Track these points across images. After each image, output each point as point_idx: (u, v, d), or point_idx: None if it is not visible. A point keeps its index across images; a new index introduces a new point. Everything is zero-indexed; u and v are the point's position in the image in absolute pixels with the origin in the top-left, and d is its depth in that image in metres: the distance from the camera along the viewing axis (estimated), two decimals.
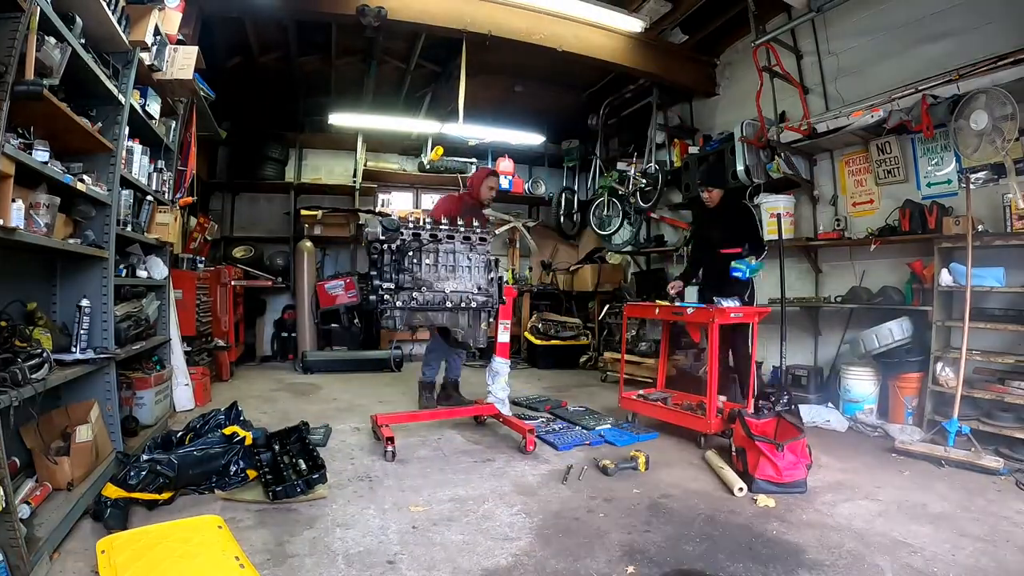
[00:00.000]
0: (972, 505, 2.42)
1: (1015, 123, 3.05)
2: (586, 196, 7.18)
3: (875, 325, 3.81)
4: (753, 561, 1.91)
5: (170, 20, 3.11)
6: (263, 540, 1.99)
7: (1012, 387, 3.10)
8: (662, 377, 4.03)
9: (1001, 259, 3.32)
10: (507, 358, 3.61)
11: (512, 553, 1.95)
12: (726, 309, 3.29)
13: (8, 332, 1.94)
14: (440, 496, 2.46)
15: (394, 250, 3.02)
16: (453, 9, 4.41)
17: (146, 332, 3.20)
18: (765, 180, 4.74)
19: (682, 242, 5.92)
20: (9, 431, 1.82)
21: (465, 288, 3.18)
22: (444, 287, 3.12)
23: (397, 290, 3.00)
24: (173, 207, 3.57)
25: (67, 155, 2.32)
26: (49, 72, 2.00)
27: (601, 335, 6.37)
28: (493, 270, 3.29)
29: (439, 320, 3.18)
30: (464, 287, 3.18)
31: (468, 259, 3.22)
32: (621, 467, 2.76)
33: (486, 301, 3.22)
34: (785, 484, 2.52)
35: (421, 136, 6.66)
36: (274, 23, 4.86)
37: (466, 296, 3.17)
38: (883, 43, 4.12)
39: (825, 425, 3.74)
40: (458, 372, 4.15)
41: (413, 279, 3.05)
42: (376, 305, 2.97)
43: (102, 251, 2.53)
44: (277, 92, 6.26)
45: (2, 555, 1.55)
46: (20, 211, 1.84)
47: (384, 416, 3.27)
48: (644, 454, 2.83)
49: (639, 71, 5.35)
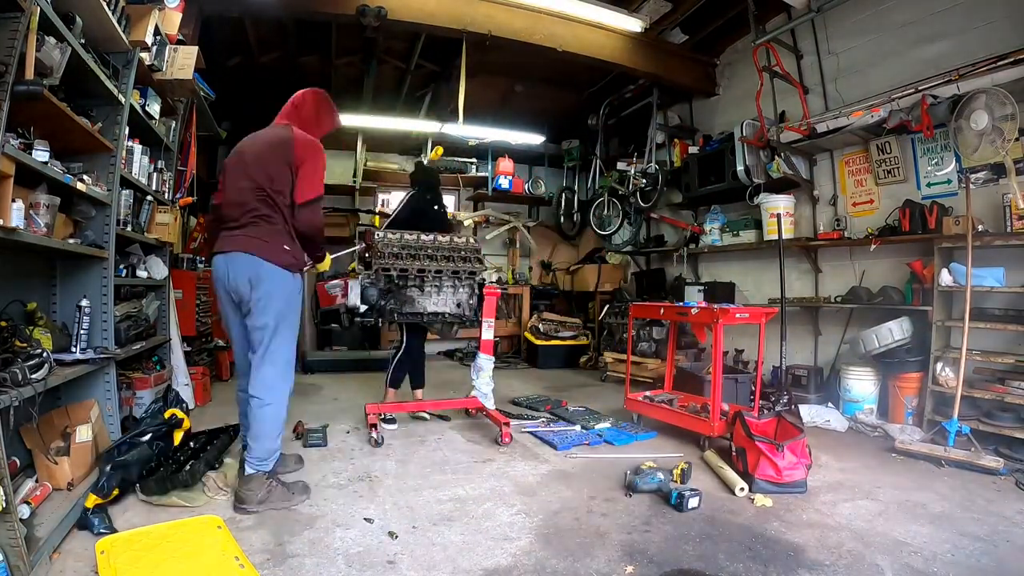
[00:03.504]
0: (972, 505, 2.42)
1: (1015, 123, 3.05)
2: (586, 196, 7.18)
3: (875, 325, 3.81)
4: (753, 561, 1.91)
5: (170, 20, 3.11)
6: (263, 540, 1.99)
7: (1012, 387, 3.10)
8: (669, 379, 4.01)
9: (1001, 259, 3.32)
10: (491, 354, 3.69)
11: (512, 553, 1.95)
12: (730, 310, 3.28)
13: (8, 332, 1.94)
14: (440, 496, 2.46)
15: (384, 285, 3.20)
16: (453, 9, 4.41)
17: (146, 332, 3.20)
18: (765, 180, 4.74)
19: (682, 242, 5.92)
20: (9, 431, 1.82)
21: (445, 307, 3.38)
22: (425, 305, 3.31)
23: (376, 311, 3.19)
24: (173, 207, 3.56)
25: (67, 155, 2.31)
26: (49, 72, 1.99)
27: (601, 335, 6.37)
28: (475, 293, 3.47)
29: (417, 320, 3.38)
30: (445, 307, 3.38)
31: (454, 284, 3.40)
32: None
33: (461, 317, 3.42)
34: (785, 484, 2.52)
35: (421, 136, 6.65)
36: (274, 23, 4.85)
37: (444, 315, 3.37)
38: (883, 43, 4.12)
39: (825, 425, 3.74)
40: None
41: (397, 300, 3.23)
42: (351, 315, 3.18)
43: (102, 251, 2.53)
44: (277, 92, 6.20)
45: (2, 555, 1.55)
46: (20, 211, 1.84)
47: (373, 405, 3.44)
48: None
49: (639, 71, 5.35)
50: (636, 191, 6.00)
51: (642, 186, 5.92)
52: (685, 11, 4.87)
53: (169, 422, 2.62)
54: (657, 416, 3.56)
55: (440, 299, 3.35)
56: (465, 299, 3.43)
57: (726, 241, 5.36)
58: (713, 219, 5.50)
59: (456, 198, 7.68)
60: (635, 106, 6.31)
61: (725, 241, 5.37)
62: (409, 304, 3.26)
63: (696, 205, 5.88)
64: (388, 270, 3.15)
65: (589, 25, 4.81)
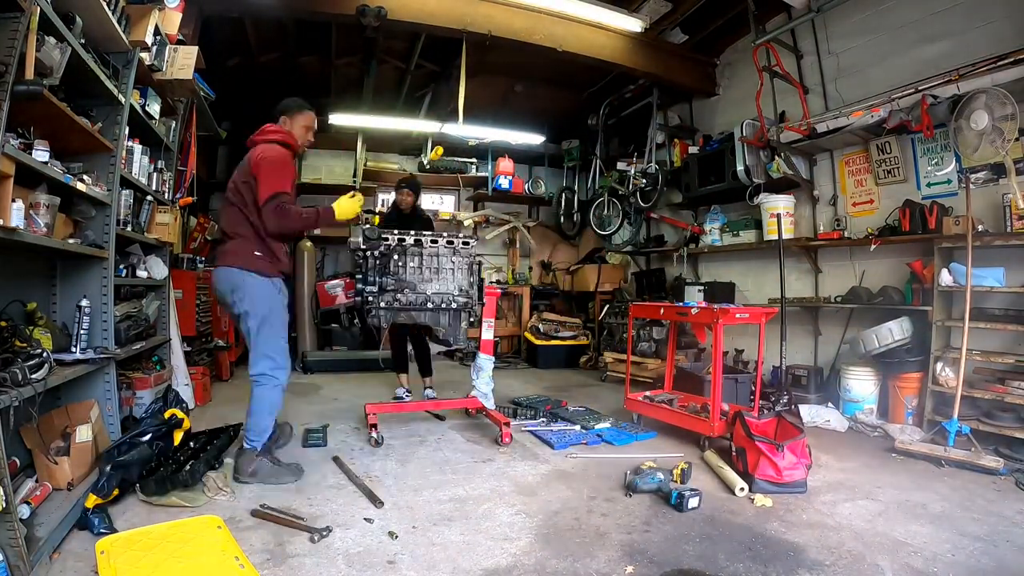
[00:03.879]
0: (972, 505, 2.42)
1: (1015, 123, 3.05)
2: (586, 196, 7.18)
3: (875, 325, 3.81)
4: (753, 561, 1.91)
5: (170, 20, 3.10)
6: (263, 540, 1.99)
7: (1012, 387, 3.10)
8: (669, 379, 4.01)
9: (1001, 259, 3.33)
10: (491, 354, 3.72)
11: (512, 553, 1.95)
12: (730, 310, 3.28)
13: (8, 332, 1.94)
14: (440, 496, 2.46)
15: (378, 256, 3.19)
16: (453, 9, 4.41)
17: (146, 332, 3.20)
18: (765, 180, 4.74)
19: (682, 242, 5.92)
20: (9, 431, 1.82)
21: (447, 290, 3.35)
22: (427, 288, 3.30)
23: (381, 292, 3.17)
24: (173, 207, 3.57)
25: (67, 155, 2.31)
26: (49, 72, 1.99)
27: (601, 335, 6.37)
28: (475, 273, 3.44)
29: (421, 319, 3.33)
30: (447, 288, 3.35)
31: (452, 262, 3.38)
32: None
33: (467, 303, 3.36)
34: (785, 484, 2.52)
35: (421, 136, 6.65)
36: (274, 23, 4.85)
37: (447, 297, 3.32)
38: (883, 43, 4.12)
39: (825, 425, 3.74)
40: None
41: (397, 281, 3.22)
42: (361, 305, 3.17)
43: (102, 251, 2.53)
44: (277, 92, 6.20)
45: (2, 555, 1.55)
46: (20, 211, 1.84)
47: (373, 405, 3.46)
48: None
49: (639, 71, 5.34)
50: (636, 191, 6.00)
51: (642, 186, 5.92)
52: (685, 11, 4.87)
53: (169, 422, 2.62)
54: (657, 416, 3.56)
55: (440, 284, 3.33)
56: (466, 284, 3.38)
57: (726, 241, 5.36)
58: (713, 219, 5.50)
59: (456, 198, 7.68)
60: (635, 106, 6.31)
61: (725, 241, 5.37)
62: (410, 289, 3.23)
63: (696, 205, 5.88)
64: (386, 237, 3.22)
65: (589, 25, 4.81)
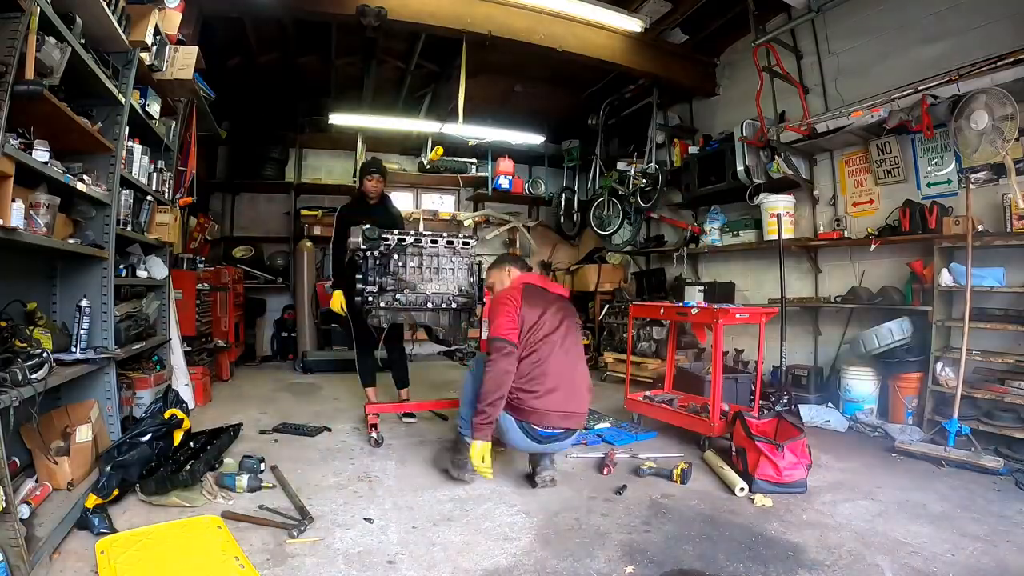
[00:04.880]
0: (972, 505, 2.42)
1: (1015, 123, 3.04)
2: (586, 196, 7.18)
3: (875, 325, 3.81)
4: (753, 561, 1.91)
5: (170, 20, 3.10)
6: (263, 540, 1.99)
7: (1012, 387, 3.10)
8: (669, 379, 4.01)
9: (1001, 259, 3.33)
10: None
11: (512, 553, 1.95)
12: (730, 310, 3.28)
13: (8, 332, 1.94)
14: (440, 496, 2.46)
15: (378, 255, 3.15)
16: (453, 9, 4.41)
17: (146, 332, 3.20)
18: (765, 180, 4.74)
19: (682, 242, 5.92)
20: (9, 431, 1.81)
21: (447, 290, 3.33)
22: (427, 288, 3.28)
23: (381, 292, 3.14)
24: (173, 207, 3.56)
25: (67, 155, 2.31)
26: (49, 72, 1.99)
27: (601, 335, 6.37)
28: (475, 273, 3.43)
29: (421, 319, 3.31)
30: (447, 288, 3.33)
31: (452, 262, 3.37)
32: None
33: (467, 303, 3.35)
34: (785, 484, 2.52)
35: (421, 136, 6.65)
36: (274, 23, 4.85)
37: (447, 297, 3.30)
38: (883, 43, 4.12)
39: (825, 425, 3.74)
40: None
41: (397, 281, 3.20)
42: (361, 306, 3.12)
43: (102, 251, 2.53)
44: (277, 92, 6.25)
45: (2, 555, 1.55)
46: (20, 211, 1.84)
47: (373, 405, 3.48)
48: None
49: (639, 71, 5.35)
50: (636, 191, 6.00)
51: (642, 186, 5.91)
52: (685, 11, 4.87)
53: (169, 422, 2.62)
54: (657, 416, 3.56)
55: (440, 284, 3.31)
56: (466, 284, 3.37)
57: (726, 241, 5.36)
58: (713, 219, 5.49)
59: (456, 198, 7.69)
60: (635, 106, 6.30)
61: (725, 241, 5.37)
62: (410, 289, 3.20)
63: (696, 205, 5.88)
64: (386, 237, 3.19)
65: (589, 25, 4.81)
